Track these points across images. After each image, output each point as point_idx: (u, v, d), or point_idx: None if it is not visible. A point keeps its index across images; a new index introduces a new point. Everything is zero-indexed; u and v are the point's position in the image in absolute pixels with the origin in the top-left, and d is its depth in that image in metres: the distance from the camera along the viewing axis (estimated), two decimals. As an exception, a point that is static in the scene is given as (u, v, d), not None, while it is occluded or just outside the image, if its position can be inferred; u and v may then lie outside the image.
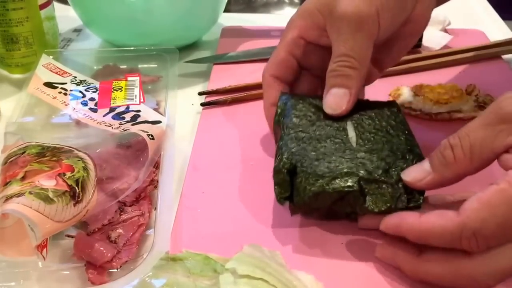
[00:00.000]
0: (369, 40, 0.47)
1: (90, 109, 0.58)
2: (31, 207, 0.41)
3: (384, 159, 0.44)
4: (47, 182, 0.44)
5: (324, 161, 0.44)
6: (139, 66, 0.70)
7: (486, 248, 0.38)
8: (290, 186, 0.44)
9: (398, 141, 0.46)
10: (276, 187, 0.44)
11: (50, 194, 0.42)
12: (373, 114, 0.49)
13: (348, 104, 0.47)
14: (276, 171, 0.44)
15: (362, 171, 0.43)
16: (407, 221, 0.40)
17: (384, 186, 0.43)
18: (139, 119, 0.56)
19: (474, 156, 0.39)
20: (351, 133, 0.47)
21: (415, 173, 0.42)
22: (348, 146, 0.45)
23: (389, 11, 0.47)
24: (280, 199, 0.44)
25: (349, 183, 0.42)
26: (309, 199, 0.43)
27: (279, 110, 0.50)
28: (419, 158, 0.44)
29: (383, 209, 0.42)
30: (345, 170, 0.43)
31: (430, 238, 0.39)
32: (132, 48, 0.72)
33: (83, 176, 0.45)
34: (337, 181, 0.43)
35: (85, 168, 0.46)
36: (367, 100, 0.51)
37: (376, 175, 0.43)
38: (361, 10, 0.46)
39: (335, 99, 0.48)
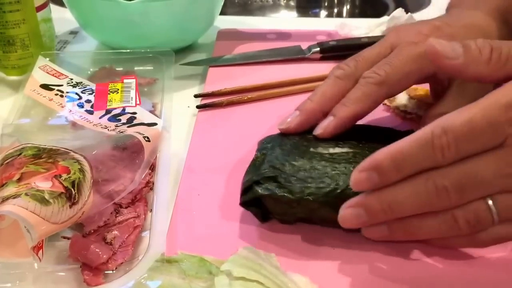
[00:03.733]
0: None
1: (86, 111, 0.58)
2: (27, 209, 0.41)
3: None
4: (43, 184, 0.44)
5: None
6: (135, 68, 0.70)
7: (455, 153, 0.38)
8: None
9: None
10: None
11: (46, 196, 0.42)
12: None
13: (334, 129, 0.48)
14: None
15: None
16: (376, 156, 0.40)
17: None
18: (135, 121, 0.56)
19: None
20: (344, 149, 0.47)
21: None
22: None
23: None
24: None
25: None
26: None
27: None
28: None
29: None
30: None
31: (406, 156, 0.39)
32: (128, 51, 0.72)
33: (79, 178, 0.46)
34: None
35: (81, 170, 0.47)
36: (387, 128, 0.52)
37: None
38: None
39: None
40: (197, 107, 0.64)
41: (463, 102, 0.40)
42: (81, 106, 0.59)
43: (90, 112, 0.58)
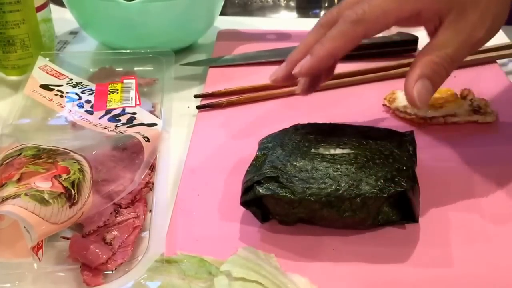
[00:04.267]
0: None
1: (86, 111, 0.58)
2: (26, 209, 0.41)
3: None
4: (43, 184, 0.44)
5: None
6: (135, 68, 0.70)
7: None
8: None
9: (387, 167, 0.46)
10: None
11: (46, 196, 0.42)
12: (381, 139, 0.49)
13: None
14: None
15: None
16: None
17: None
18: (134, 122, 0.56)
19: None
20: (345, 151, 0.47)
21: None
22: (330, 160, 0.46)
23: None
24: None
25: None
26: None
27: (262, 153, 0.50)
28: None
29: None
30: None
31: None
32: (128, 51, 0.72)
33: (78, 178, 0.46)
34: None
35: (81, 170, 0.47)
36: (387, 129, 0.52)
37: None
38: None
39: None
40: (197, 107, 0.64)
41: (459, 38, 0.43)
42: (81, 106, 0.59)
43: (90, 113, 0.58)
